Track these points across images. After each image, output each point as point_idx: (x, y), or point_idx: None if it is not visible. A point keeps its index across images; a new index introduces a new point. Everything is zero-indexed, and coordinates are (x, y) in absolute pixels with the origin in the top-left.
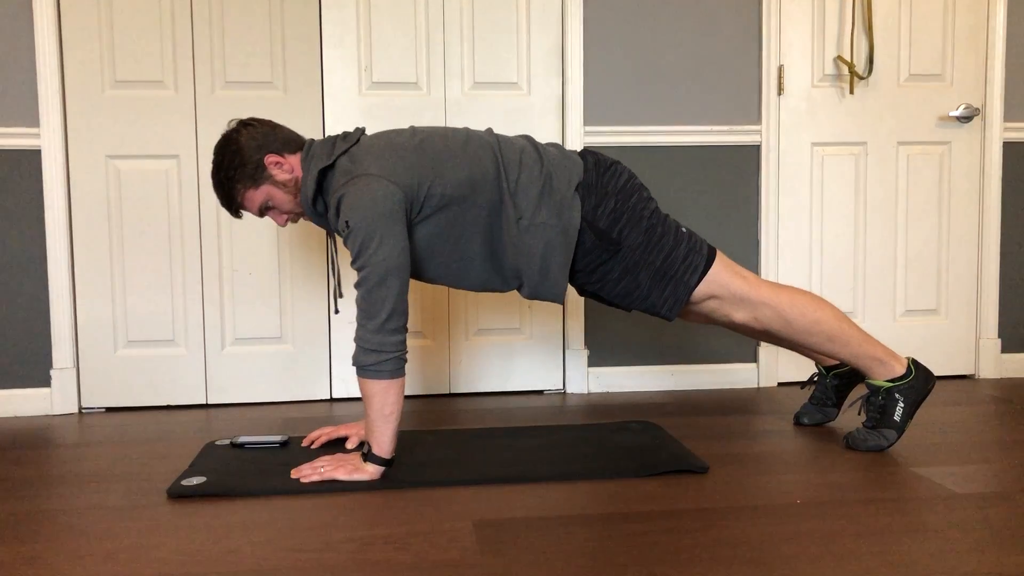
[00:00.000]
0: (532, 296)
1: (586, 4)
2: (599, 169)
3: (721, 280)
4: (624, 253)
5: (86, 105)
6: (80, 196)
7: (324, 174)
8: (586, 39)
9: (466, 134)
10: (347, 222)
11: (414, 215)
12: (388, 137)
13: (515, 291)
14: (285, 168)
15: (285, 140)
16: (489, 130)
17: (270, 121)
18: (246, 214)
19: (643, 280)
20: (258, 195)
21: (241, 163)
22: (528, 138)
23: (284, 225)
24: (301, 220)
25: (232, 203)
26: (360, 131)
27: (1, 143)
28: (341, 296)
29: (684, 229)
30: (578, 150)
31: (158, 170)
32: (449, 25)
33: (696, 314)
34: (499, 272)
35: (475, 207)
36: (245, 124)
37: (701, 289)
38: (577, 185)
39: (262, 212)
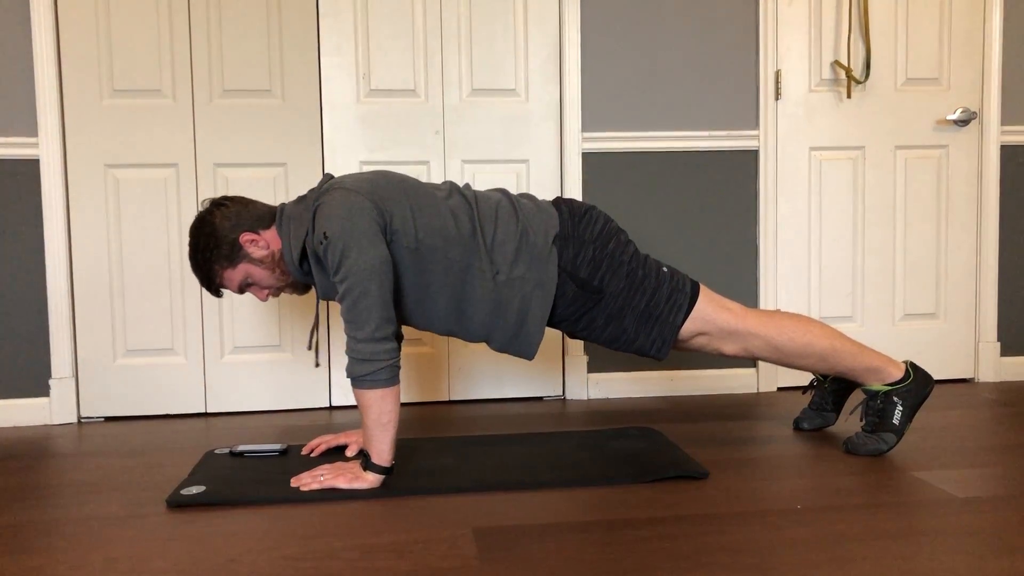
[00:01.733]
0: (503, 350)
1: (583, 10)
2: (574, 218)
3: (707, 316)
4: (607, 300)
5: (84, 114)
6: (79, 205)
7: (306, 235)
8: (584, 45)
9: (448, 188)
10: (324, 233)
11: (387, 241)
12: (368, 171)
13: None
14: (260, 245)
15: (258, 216)
16: (467, 185)
17: (242, 198)
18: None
19: (629, 324)
20: (236, 274)
21: (216, 244)
22: (503, 191)
23: (265, 300)
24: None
25: (212, 284)
26: (328, 175)
27: None
28: (317, 366)
29: (665, 268)
30: (551, 200)
31: (157, 179)
32: (447, 32)
33: (686, 348)
34: (463, 327)
35: (447, 260)
36: (217, 204)
37: (688, 327)
38: (554, 238)
39: (242, 290)
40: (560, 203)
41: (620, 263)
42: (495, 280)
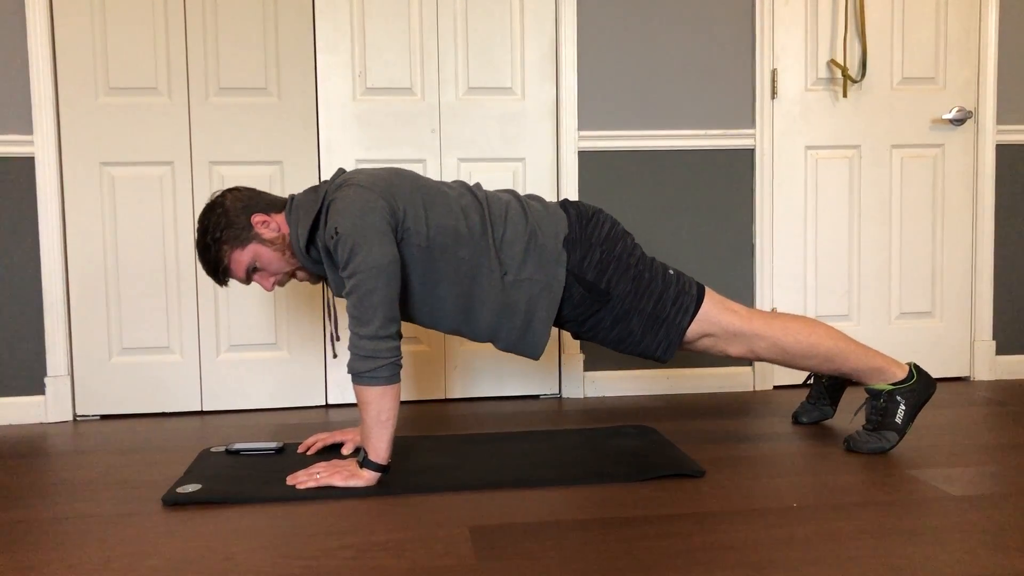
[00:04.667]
0: (508, 349)
1: (580, 9)
2: (582, 221)
3: (713, 318)
4: (614, 302)
5: (80, 112)
6: (74, 203)
7: (315, 220)
8: (580, 44)
9: (460, 188)
10: (336, 228)
11: (398, 239)
12: (382, 167)
13: None
14: (271, 227)
15: (269, 202)
16: (478, 184)
17: (253, 188)
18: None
19: (635, 327)
20: (245, 255)
21: (228, 224)
22: (512, 192)
23: (271, 289)
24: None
25: (219, 266)
26: (340, 170)
27: None
28: (338, 339)
29: (671, 271)
30: (558, 202)
31: (152, 177)
32: (443, 30)
33: (691, 350)
34: (469, 327)
35: (456, 259)
36: (229, 190)
37: (694, 328)
38: (564, 239)
39: (248, 275)
40: (568, 205)
41: (627, 266)
42: (503, 280)
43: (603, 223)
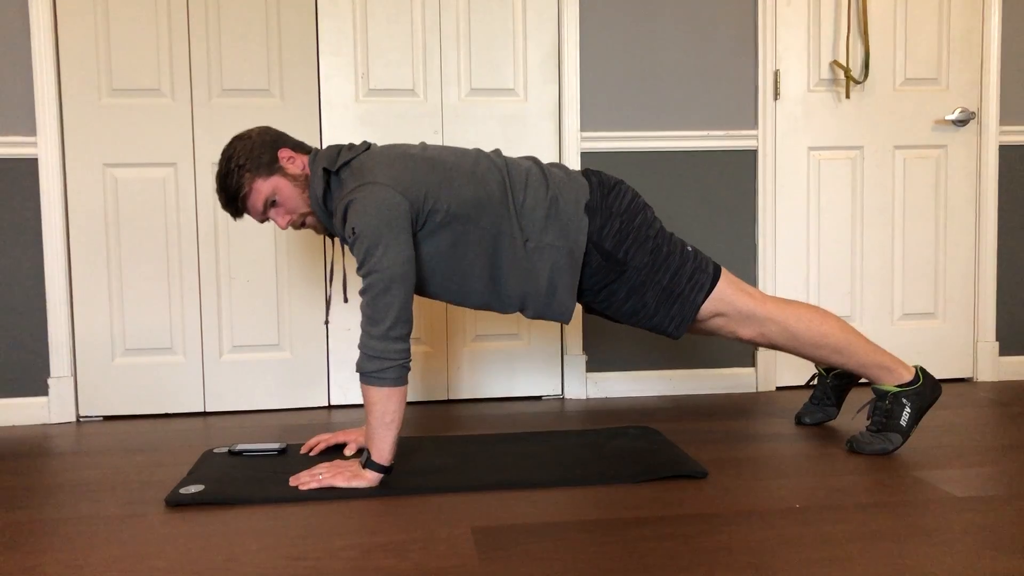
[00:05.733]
0: (537, 317)
1: (582, 10)
2: (603, 190)
3: (727, 297)
4: (630, 273)
5: (83, 113)
6: (77, 204)
7: (329, 177)
8: (582, 45)
9: (475, 155)
10: (353, 228)
11: (418, 228)
12: (398, 148)
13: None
14: (297, 163)
15: (297, 143)
16: (497, 151)
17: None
18: (246, 220)
19: (649, 300)
20: (266, 186)
21: (254, 154)
22: (534, 159)
23: (285, 227)
24: (301, 232)
25: (237, 195)
26: (366, 144)
27: None
28: (346, 301)
29: (690, 248)
30: (580, 170)
31: (155, 178)
32: (445, 32)
33: (702, 330)
34: (498, 297)
35: (479, 229)
36: (257, 127)
37: (707, 307)
38: (585, 206)
39: (265, 209)
40: (590, 174)
41: (646, 238)
42: (525, 247)
43: (624, 193)
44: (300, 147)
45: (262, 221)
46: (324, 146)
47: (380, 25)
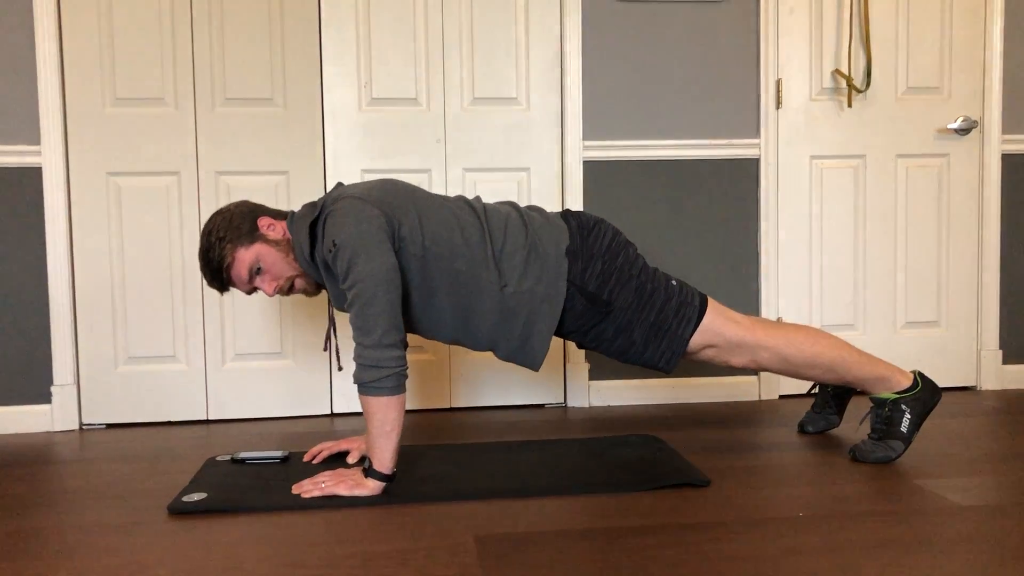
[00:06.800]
0: (508, 359)
1: (585, 19)
2: (583, 232)
3: (716, 328)
4: (616, 314)
5: (87, 122)
6: (81, 213)
7: (313, 231)
8: (585, 54)
9: (455, 200)
10: (333, 241)
11: (396, 249)
12: (377, 180)
13: None
14: (277, 230)
15: (274, 212)
16: (477, 198)
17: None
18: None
19: (637, 337)
20: (249, 254)
21: (234, 223)
22: (512, 204)
23: (272, 294)
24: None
25: (221, 266)
26: (338, 183)
27: (2, 160)
28: (340, 369)
29: (674, 282)
30: (559, 212)
31: (158, 187)
32: (448, 41)
33: (694, 361)
34: (469, 336)
35: (452, 270)
36: (235, 202)
37: (697, 339)
38: (565, 250)
39: (250, 278)
40: (568, 216)
41: (629, 277)
42: (503, 292)
43: (604, 233)
44: (278, 215)
45: (249, 292)
46: (326, 155)
47: (383, 34)
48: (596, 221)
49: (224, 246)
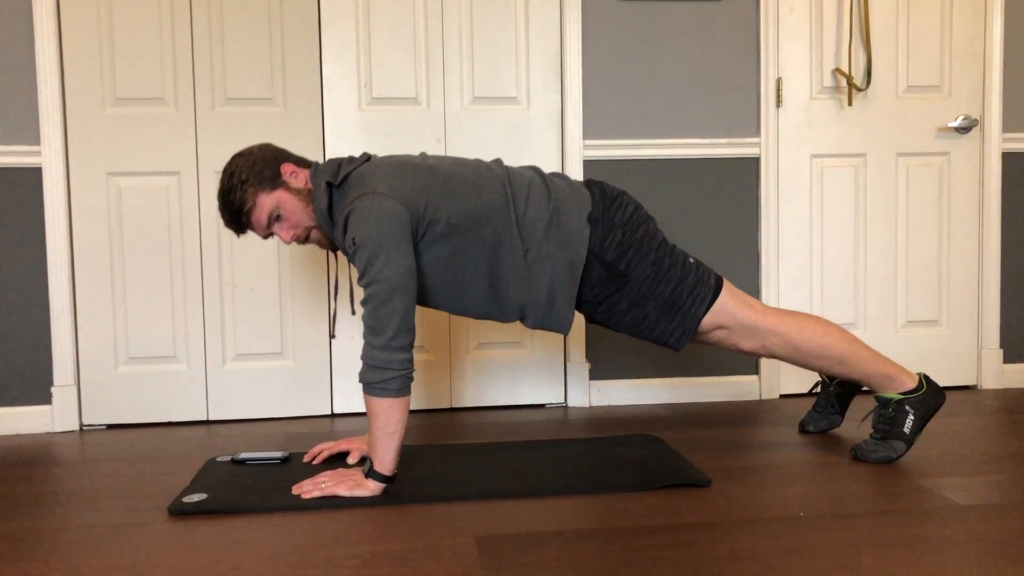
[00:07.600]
0: (537, 327)
1: (584, 18)
2: (605, 201)
3: (728, 310)
4: (631, 285)
5: (87, 122)
6: (81, 213)
7: (332, 190)
8: (585, 53)
9: (476, 165)
10: (354, 239)
11: (419, 238)
12: (398, 158)
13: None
14: (299, 178)
15: (297, 158)
16: (498, 161)
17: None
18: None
19: (651, 312)
20: (270, 200)
21: (256, 168)
22: (536, 169)
23: (289, 242)
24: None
25: (241, 210)
26: (366, 155)
27: (2, 161)
28: (354, 313)
29: (692, 260)
30: (583, 181)
31: (159, 187)
32: (448, 40)
33: (703, 342)
34: (499, 305)
35: (479, 239)
36: (258, 144)
37: (708, 319)
38: (587, 217)
39: (269, 224)
40: (592, 185)
41: (648, 250)
42: (526, 257)
43: (626, 205)
44: (301, 162)
45: (265, 237)
46: (326, 155)
47: (383, 34)
48: (619, 192)
49: (246, 189)
